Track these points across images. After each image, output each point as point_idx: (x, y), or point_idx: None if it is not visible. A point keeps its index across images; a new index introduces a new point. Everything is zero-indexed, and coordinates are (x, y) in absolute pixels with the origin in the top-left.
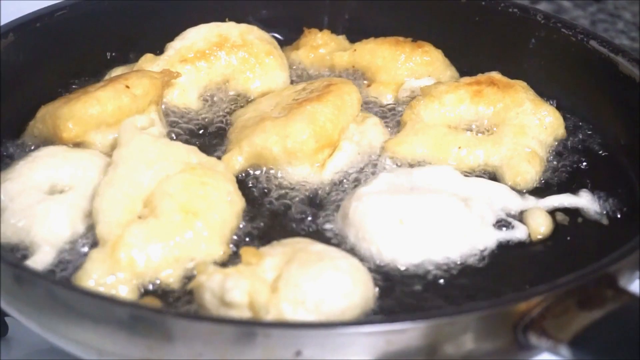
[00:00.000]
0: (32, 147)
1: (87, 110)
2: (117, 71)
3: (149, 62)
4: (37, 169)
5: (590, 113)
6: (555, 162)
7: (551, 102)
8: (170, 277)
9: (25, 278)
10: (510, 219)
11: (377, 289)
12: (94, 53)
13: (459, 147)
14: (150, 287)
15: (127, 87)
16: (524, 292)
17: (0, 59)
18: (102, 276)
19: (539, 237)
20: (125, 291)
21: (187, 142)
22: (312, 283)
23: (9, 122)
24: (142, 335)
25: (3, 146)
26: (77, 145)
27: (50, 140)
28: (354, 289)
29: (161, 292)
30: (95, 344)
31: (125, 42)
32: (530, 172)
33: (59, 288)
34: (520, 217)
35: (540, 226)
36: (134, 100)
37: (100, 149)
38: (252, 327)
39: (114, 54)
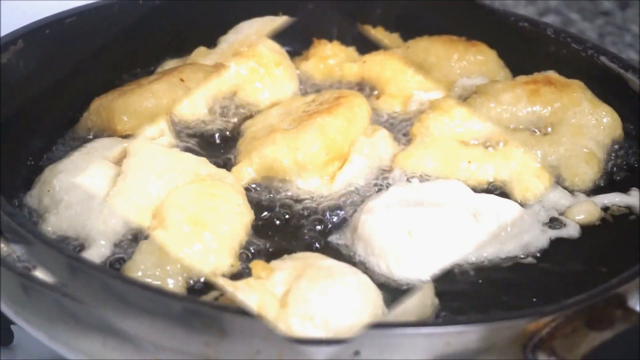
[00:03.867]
0: (85, 139)
1: (142, 102)
2: (170, 64)
3: (202, 56)
4: (92, 161)
5: None
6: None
7: None
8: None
9: (80, 269)
10: None
11: (385, 305)
12: (147, 45)
13: (469, 162)
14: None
15: (182, 80)
16: (532, 311)
17: (59, 50)
18: (150, 268)
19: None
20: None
21: (195, 152)
22: (321, 299)
23: (61, 114)
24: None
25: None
26: (130, 137)
27: (103, 132)
28: (363, 306)
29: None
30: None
31: (178, 36)
32: (589, 173)
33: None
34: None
35: (576, 215)
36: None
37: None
38: None
39: (166, 46)
